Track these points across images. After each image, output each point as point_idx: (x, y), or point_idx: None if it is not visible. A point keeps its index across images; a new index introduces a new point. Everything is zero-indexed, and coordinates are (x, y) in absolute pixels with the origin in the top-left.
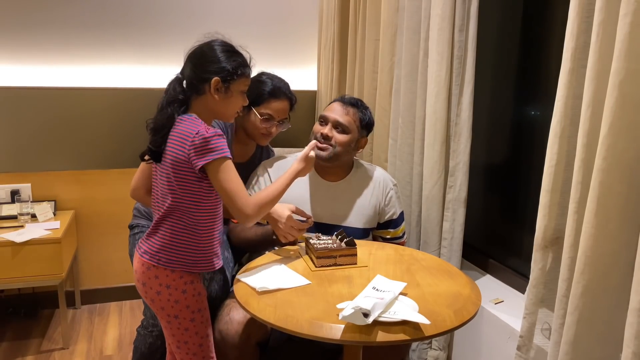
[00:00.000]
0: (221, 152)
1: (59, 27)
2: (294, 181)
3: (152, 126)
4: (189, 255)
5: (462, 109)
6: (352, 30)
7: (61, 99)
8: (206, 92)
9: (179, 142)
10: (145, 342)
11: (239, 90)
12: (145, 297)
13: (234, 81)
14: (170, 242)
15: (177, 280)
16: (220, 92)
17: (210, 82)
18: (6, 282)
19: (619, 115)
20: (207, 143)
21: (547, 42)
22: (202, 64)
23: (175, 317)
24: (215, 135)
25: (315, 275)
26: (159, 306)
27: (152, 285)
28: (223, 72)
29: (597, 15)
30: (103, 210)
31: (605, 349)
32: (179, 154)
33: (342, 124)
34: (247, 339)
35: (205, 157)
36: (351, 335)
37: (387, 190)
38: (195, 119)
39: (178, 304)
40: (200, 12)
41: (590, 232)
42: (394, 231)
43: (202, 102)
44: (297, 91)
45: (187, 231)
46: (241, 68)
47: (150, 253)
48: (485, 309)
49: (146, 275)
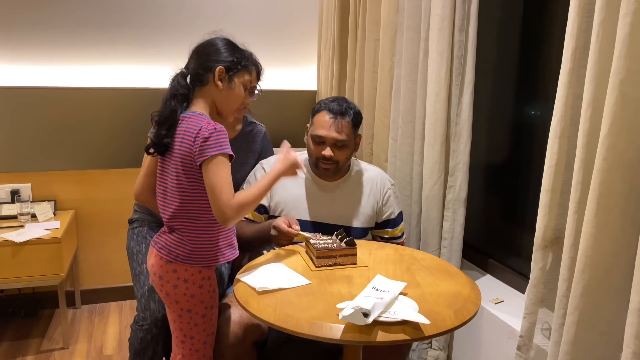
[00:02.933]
0: (219, 149)
1: (59, 27)
2: (292, 181)
3: (156, 119)
4: (207, 250)
5: (462, 109)
6: (352, 30)
7: (61, 99)
8: (209, 82)
9: (185, 139)
10: (137, 337)
11: (241, 83)
12: (160, 290)
13: (237, 72)
14: (187, 240)
15: (196, 275)
16: (224, 82)
17: (214, 71)
18: (6, 282)
19: (619, 115)
20: (206, 140)
21: (547, 42)
22: (206, 54)
23: (188, 311)
24: (215, 131)
25: (315, 275)
26: (174, 299)
27: (170, 278)
28: (227, 62)
29: (597, 15)
30: (103, 210)
31: (605, 348)
32: (185, 151)
33: (341, 141)
34: (243, 339)
35: (204, 153)
36: (351, 335)
37: (385, 189)
38: (199, 115)
39: (194, 298)
40: (200, 12)
41: (590, 232)
42: (392, 231)
43: (206, 93)
44: (297, 91)
45: (202, 227)
46: (245, 61)
47: (168, 249)
48: (485, 309)
49: (164, 269)
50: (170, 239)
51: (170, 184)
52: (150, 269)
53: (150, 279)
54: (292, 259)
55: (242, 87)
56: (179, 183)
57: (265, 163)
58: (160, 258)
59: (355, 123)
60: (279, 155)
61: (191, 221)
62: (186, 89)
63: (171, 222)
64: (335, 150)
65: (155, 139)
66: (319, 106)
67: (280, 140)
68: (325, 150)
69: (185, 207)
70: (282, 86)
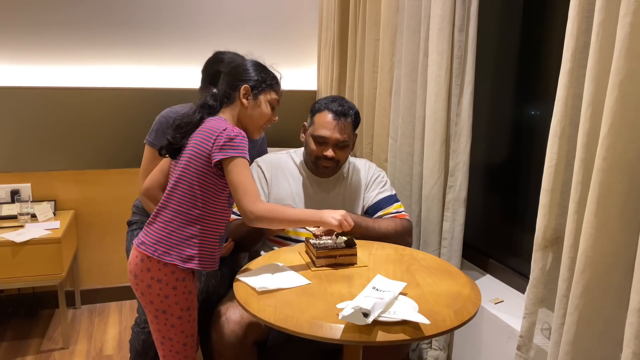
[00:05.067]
0: (241, 152)
1: (59, 27)
2: (288, 179)
3: (177, 123)
4: (186, 249)
5: (462, 109)
6: (352, 30)
7: (61, 99)
8: (236, 100)
9: (203, 137)
10: (139, 339)
11: (267, 101)
12: (135, 289)
13: (262, 91)
14: (169, 233)
15: (169, 275)
16: (249, 99)
17: (240, 89)
18: (6, 282)
19: (619, 115)
20: (231, 140)
21: (547, 42)
22: (234, 74)
23: (163, 312)
24: (240, 135)
25: (315, 275)
26: (148, 300)
27: (144, 277)
28: (252, 80)
29: (597, 15)
30: (103, 210)
31: (605, 348)
32: (201, 147)
33: (343, 141)
34: (243, 339)
35: (226, 152)
36: (351, 335)
37: (370, 174)
38: (224, 120)
39: (167, 299)
40: (201, 12)
41: (590, 232)
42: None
43: (231, 110)
44: (297, 91)
45: (188, 225)
46: (270, 80)
47: (147, 244)
48: (485, 309)
49: (139, 267)
50: (152, 231)
51: (176, 177)
52: (128, 267)
53: (128, 277)
54: (292, 259)
55: (268, 104)
56: (184, 176)
57: (260, 161)
58: (136, 255)
59: (355, 123)
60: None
61: (179, 215)
62: (214, 103)
63: (160, 212)
64: (336, 150)
65: (172, 140)
66: (320, 106)
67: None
68: (328, 151)
69: (180, 199)
70: (282, 86)
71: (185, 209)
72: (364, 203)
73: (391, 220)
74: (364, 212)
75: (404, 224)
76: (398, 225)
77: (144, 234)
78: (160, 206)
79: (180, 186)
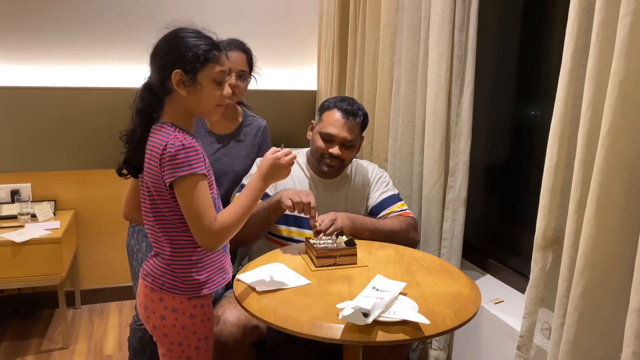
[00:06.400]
0: (189, 168)
1: (60, 26)
2: (292, 180)
3: (124, 139)
4: (195, 277)
5: (462, 109)
6: (352, 30)
7: (61, 99)
8: (173, 90)
9: (151, 157)
10: (136, 337)
11: (210, 79)
12: (146, 323)
13: (199, 70)
14: (172, 265)
15: (185, 303)
16: (187, 86)
17: (171, 77)
18: (6, 282)
19: (619, 115)
20: (173, 158)
21: (547, 42)
22: (160, 59)
23: (179, 345)
24: (183, 147)
25: (315, 275)
26: (162, 333)
27: (156, 309)
28: (183, 62)
29: (597, 15)
30: (103, 210)
31: (605, 348)
32: (152, 169)
33: (350, 141)
34: (241, 340)
35: (173, 173)
36: (351, 335)
37: (373, 175)
38: (168, 128)
39: (185, 329)
40: (201, 12)
41: (590, 232)
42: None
43: (174, 102)
44: (297, 91)
45: (185, 252)
46: (205, 53)
47: (153, 276)
48: (485, 309)
49: (149, 297)
50: (155, 264)
51: (148, 203)
52: (137, 300)
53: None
54: (292, 259)
55: (213, 82)
56: (153, 203)
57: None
58: (145, 286)
59: (363, 125)
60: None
61: (172, 245)
62: (151, 101)
63: (154, 246)
64: (342, 149)
65: (125, 160)
66: (329, 104)
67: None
68: (334, 149)
69: (163, 230)
70: (282, 86)
71: (175, 238)
72: (367, 203)
73: (396, 218)
74: (368, 212)
75: (409, 222)
76: (403, 223)
77: (149, 263)
78: (153, 239)
79: (152, 215)
